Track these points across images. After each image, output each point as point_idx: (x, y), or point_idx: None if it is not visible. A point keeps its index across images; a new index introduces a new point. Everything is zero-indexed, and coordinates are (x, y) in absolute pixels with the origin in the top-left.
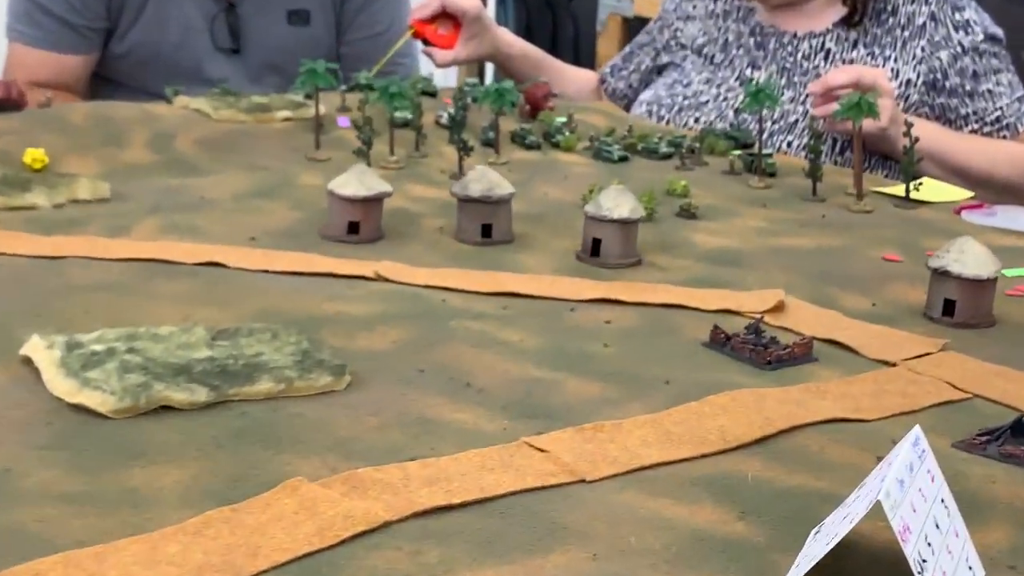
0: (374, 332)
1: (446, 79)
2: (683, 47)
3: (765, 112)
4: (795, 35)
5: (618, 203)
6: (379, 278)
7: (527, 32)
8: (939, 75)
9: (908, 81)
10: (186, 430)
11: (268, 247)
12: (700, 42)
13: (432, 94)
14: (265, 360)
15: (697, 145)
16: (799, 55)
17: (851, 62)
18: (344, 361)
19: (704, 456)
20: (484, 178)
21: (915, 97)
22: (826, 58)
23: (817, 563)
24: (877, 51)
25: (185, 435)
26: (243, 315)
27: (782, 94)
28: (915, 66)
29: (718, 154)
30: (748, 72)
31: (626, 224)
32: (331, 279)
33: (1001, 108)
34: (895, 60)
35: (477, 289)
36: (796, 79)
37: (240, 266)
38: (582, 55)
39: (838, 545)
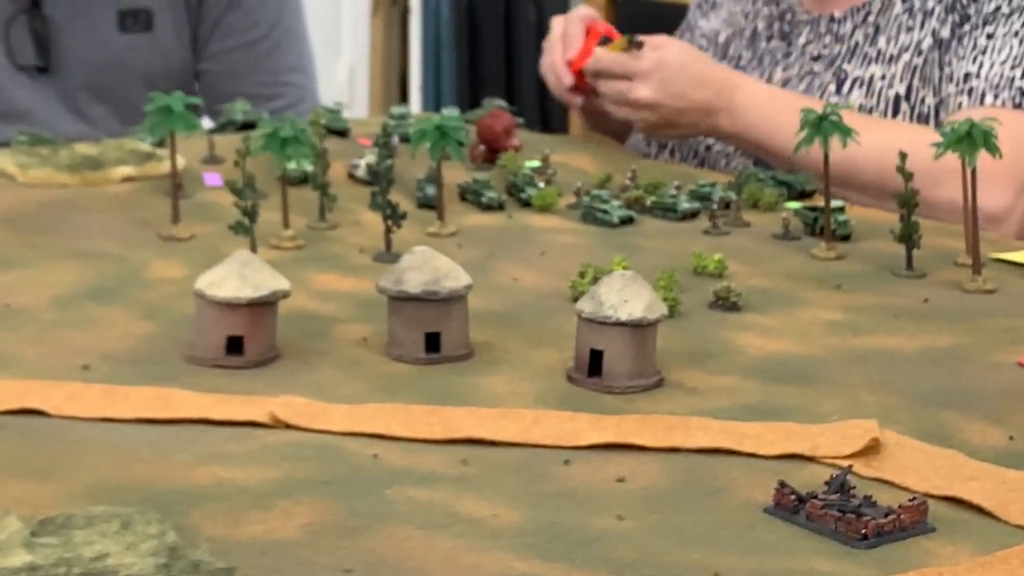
0: (272, 512)
1: (356, 107)
2: (702, 50)
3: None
4: (832, 18)
5: (626, 297)
6: (277, 424)
7: (470, 16)
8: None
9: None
10: None
11: (108, 380)
12: (725, 37)
13: (342, 132)
14: (113, 566)
15: (733, 196)
16: (838, 43)
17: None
18: (231, 562)
19: None
20: (427, 264)
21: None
22: (874, 43)
23: None
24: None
25: None
26: (75, 491)
27: None
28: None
29: (764, 208)
30: (779, 72)
31: (640, 329)
32: (205, 428)
33: None
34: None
35: (423, 436)
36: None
37: (68, 413)
38: None
39: None
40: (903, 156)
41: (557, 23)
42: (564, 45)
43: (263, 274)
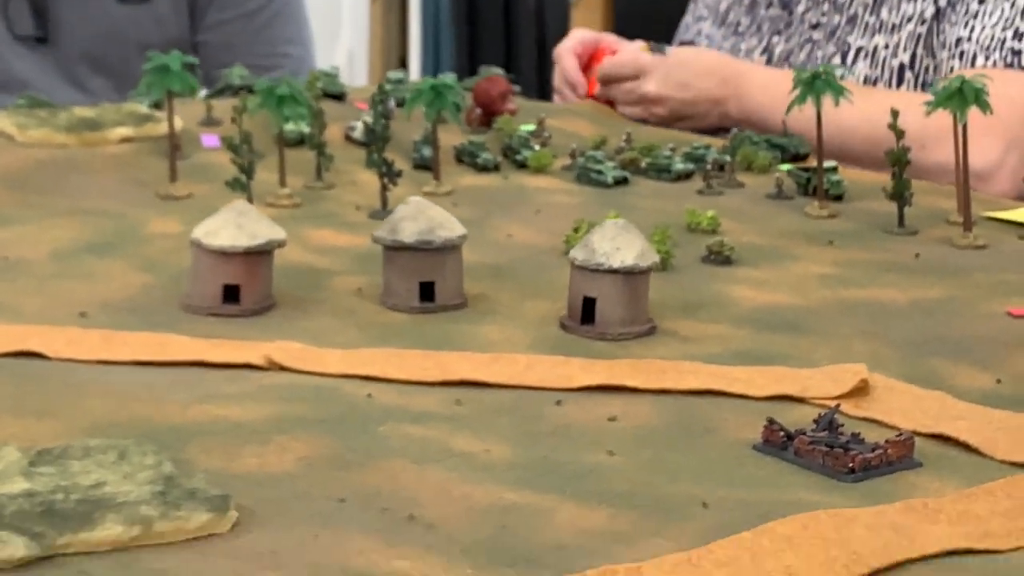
0: (268, 446)
1: (355, 75)
2: (701, 20)
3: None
4: None
5: (619, 245)
6: (272, 366)
7: (470, 2)
8: None
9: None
10: None
11: (106, 327)
12: (725, 5)
13: (339, 96)
14: (110, 493)
15: (728, 158)
16: (836, 12)
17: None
18: (226, 490)
19: None
20: (422, 214)
21: None
22: (875, 12)
23: None
24: None
25: None
26: (73, 428)
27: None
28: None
29: (758, 170)
30: (780, 44)
31: (632, 276)
32: (201, 370)
33: None
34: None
35: (417, 378)
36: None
37: (66, 355)
38: (549, 35)
39: None
40: (895, 113)
41: (556, 69)
42: (572, 81)
43: (260, 224)
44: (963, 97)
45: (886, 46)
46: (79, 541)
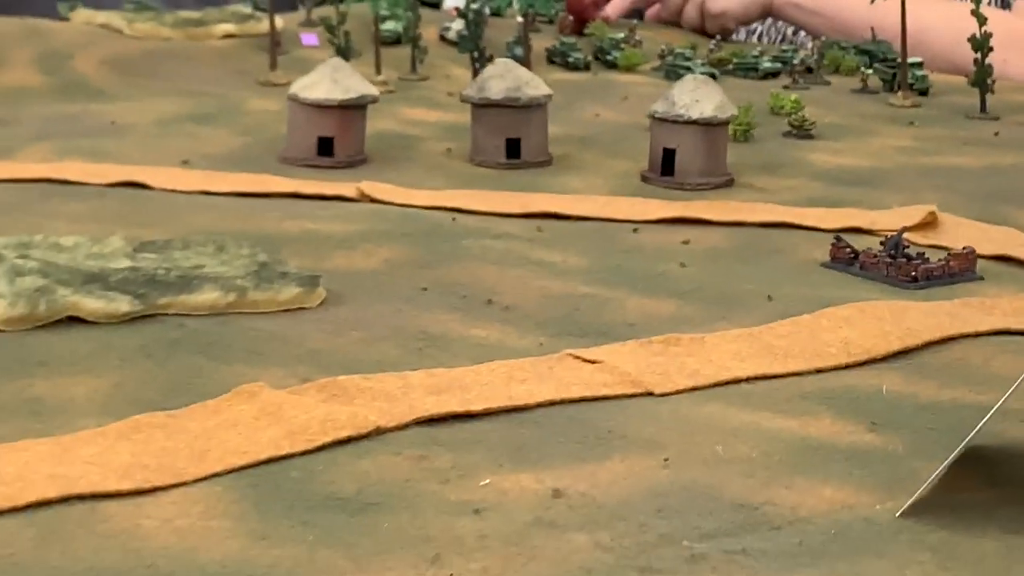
0: (356, 251)
1: None
2: None
3: None
4: None
5: (698, 97)
6: (363, 198)
7: None
8: None
9: None
10: (103, 340)
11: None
12: None
13: (434, 5)
14: (208, 272)
15: (816, 59)
16: None
17: None
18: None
19: (820, 371)
20: (509, 73)
21: None
22: None
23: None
24: None
25: (102, 344)
26: (175, 234)
27: None
28: None
29: (845, 72)
30: None
31: (711, 128)
32: (296, 200)
33: None
34: None
35: (500, 210)
36: None
37: (169, 187)
38: None
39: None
40: (977, 1)
41: None
42: None
43: (353, 79)
44: None
45: None
46: (179, 303)
